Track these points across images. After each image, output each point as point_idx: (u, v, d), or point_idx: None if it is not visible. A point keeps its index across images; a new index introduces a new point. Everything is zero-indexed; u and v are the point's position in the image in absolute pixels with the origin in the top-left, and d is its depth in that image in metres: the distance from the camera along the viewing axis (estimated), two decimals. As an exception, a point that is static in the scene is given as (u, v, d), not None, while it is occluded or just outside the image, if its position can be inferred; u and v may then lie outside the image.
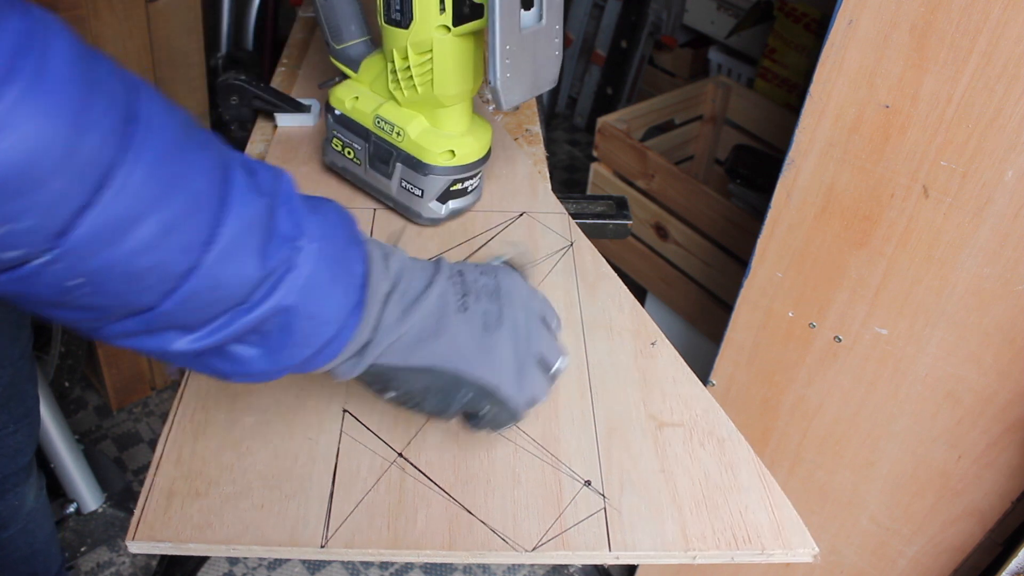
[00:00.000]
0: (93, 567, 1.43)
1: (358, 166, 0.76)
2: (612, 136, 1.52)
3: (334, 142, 0.77)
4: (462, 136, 0.72)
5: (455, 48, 0.66)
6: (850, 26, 0.72)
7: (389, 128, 0.72)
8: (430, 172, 0.71)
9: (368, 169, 0.76)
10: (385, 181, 0.75)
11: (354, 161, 0.77)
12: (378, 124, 0.73)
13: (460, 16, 0.65)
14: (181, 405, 0.58)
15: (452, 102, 0.70)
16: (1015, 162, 0.67)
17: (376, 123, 0.73)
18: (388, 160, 0.73)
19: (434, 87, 0.68)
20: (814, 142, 0.80)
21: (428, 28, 0.65)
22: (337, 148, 0.77)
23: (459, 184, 0.73)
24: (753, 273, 0.92)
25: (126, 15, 1.31)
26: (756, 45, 1.93)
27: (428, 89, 0.68)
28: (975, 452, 0.81)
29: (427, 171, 0.71)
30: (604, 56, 2.48)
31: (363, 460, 0.55)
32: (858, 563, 0.99)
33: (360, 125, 0.74)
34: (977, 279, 0.74)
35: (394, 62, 0.69)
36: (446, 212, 0.75)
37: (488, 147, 0.74)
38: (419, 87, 0.69)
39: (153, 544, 0.50)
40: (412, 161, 0.72)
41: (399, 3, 0.65)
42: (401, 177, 0.73)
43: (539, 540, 0.52)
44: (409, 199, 0.74)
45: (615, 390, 0.61)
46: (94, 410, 1.72)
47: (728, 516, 0.54)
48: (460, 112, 0.71)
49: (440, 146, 0.71)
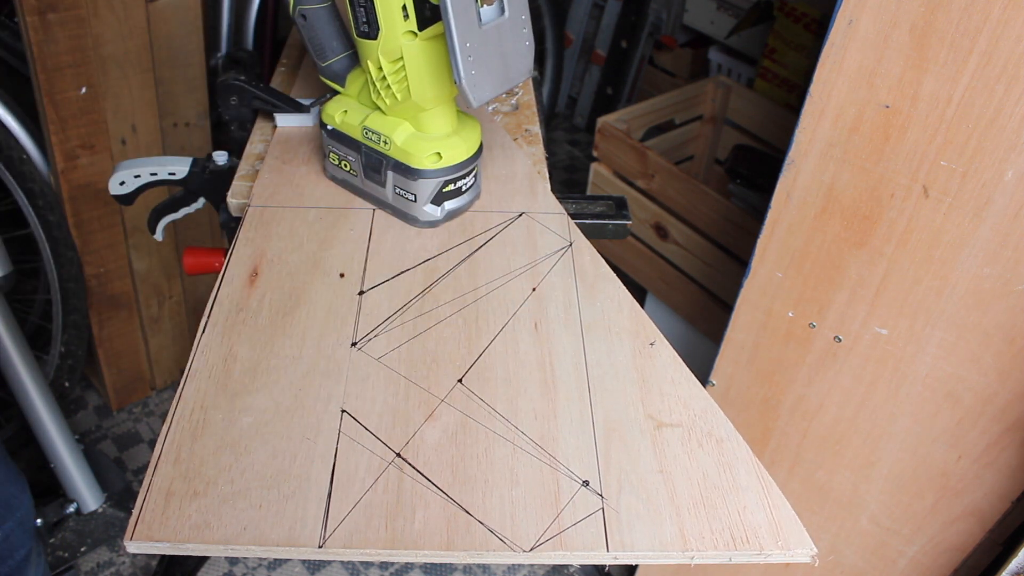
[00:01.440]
0: (93, 567, 1.44)
1: (355, 177, 0.78)
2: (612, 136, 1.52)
3: (331, 156, 0.79)
4: (448, 137, 0.73)
5: (425, 52, 0.67)
6: (850, 26, 0.72)
7: (376, 137, 0.73)
8: (419, 176, 0.72)
9: (364, 179, 0.77)
10: (381, 189, 0.76)
11: (351, 173, 0.78)
12: (366, 135, 0.74)
13: (423, 20, 0.66)
14: (180, 405, 0.58)
15: (432, 105, 0.71)
16: (1015, 162, 0.67)
17: (364, 134, 0.74)
18: (380, 169, 0.74)
19: (411, 93, 0.69)
20: (814, 142, 0.80)
21: (396, 36, 0.66)
22: (335, 162, 0.79)
23: (451, 185, 0.74)
24: (753, 273, 0.91)
25: (126, 15, 1.31)
26: (756, 45, 1.93)
27: (406, 95, 0.69)
28: (975, 452, 0.81)
29: (416, 175, 0.72)
30: (604, 56, 2.47)
31: (361, 460, 0.55)
32: (858, 563, 0.99)
33: (351, 138, 0.76)
34: (977, 279, 0.74)
35: (371, 73, 0.70)
36: (443, 214, 0.75)
37: (478, 145, 0.75)
38: (397, 94, 0.70)
39: (151, 544, 0.50)
40: (401, 167, 0.73)
41: (365, 15, 0.67)
42: (394, 184, 0.74)
43: (537, 540, 0.52)
44: (405, 204, 0.75)
45: (614, 390, 0.61)
46: (94, 410, 1.72)
47: (726, 516, 0.54)
48: (443, 114, 0.72)
49: (426, 150, 0.72)
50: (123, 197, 0.88)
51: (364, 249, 0.73)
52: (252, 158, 0.85)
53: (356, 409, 0.59)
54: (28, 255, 1.50)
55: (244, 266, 0.70)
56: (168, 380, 1.76)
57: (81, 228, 1.44)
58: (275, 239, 0.73)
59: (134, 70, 1.37)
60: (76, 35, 1.27)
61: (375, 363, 0.62)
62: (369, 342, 0.64)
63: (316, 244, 0.73)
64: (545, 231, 0.76)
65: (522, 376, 0.62)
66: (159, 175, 0.87)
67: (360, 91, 0.75)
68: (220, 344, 0.62)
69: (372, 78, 0.71)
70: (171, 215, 0.92)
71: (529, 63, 0.69)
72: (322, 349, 0.63)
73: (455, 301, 0.68)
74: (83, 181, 1.40)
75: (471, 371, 0.62)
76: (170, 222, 0.93)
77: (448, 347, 0.64)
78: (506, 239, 0.75)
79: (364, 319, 0.66)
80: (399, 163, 0.73)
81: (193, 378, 0.60)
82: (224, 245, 0.82)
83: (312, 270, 0.70)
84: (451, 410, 0.59)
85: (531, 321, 0.66)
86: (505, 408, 0.59)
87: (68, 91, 1.30)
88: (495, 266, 0.72)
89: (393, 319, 0.66)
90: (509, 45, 0.66)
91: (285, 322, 0.65)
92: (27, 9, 1.20)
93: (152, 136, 1.46)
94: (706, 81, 1.72)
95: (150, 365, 1.71)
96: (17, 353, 1.35)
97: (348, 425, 0.58)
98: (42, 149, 1.40)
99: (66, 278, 1.46)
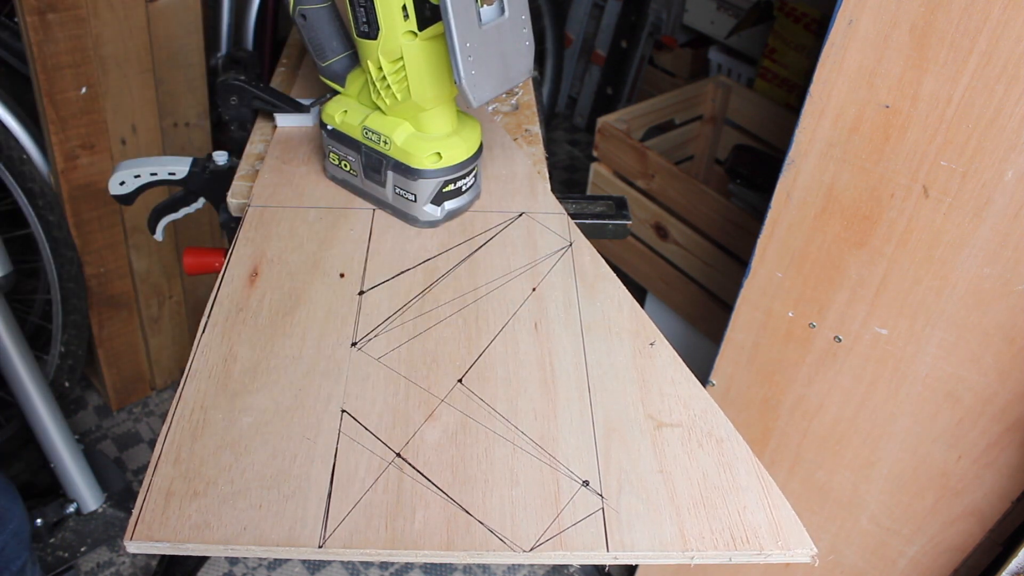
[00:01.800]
0: (93, 567, 1.44)
1: (355, 177, 0.78)
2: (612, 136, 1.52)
3: (331, 156, 0.78)
4: (448, 137, 0.72)
5: (425, 52, 0.67)
6: (850, 26, 0.72)
7: (376, 137, 0.73)
8: (419, 176, 0.72)
9: (364, 179, 0.77)
10: (381, 189, 0.76)
11: (351, 173, 0.78)
12: (366, 135, 0.74)
13: (423, 20, 0.66)
14: (180, 405, 0.58)
15: (432, 105, 0.71)
16: (1015, 162, 0.67)
17: (364, 134, 0.74)
18: (380, 169, 0.74)
19: (411, 93, 0.69)
20: (814, 142, 0.80)
21: (396, 36, 0.66)
22: (335, 162, 0.79)
23: (451, 185, 0.74)
24: (753, 273, 0.91)
25: (126, 15, 1.31)
26: (756, 45, 1.93)
27: (406, 95, 0.69)
28: (975, 452, 0.81)
29: (416, 176, 0.72)
30: (604, 56, 2.47)
31: (361, 460, 0.55)
32: (858, 563, 0.99)
33: (351, 138, 0.75)
34: (977, 279, 0.74)
35: (371, 73, 0.70)
36: (443, 214, 0.75)
37: (478, 145, 0.75)
38: (397, 94, 0.70)
39: (151, 544, 0.50)
40: (401, 167, 0.73)
41: (365, 15, 0.67)
42: (394, 184, 0.74)
43: (537, 540, 0.52)
44: (405, 204, 0.75)
45: (614, 390, 0.61)
46: (94, 410, 1.72)
47: (726, 516, 0.54)
48: (443, 114, 0.72)
49: (426, 150, 0.71)
50: (123, 197, 0.88)
51: (364, 249, 0.73)
52: (252, 158, 0.85)
53: (356, 409, 0.59)
54: (28, 255, 1.50)
55: (244, 266, 0.70)
56: (168, 380, 1.76)
57: (81, 228, 1.44)
58: (275, 239, 0.73)
59: (134, 70, 1.37)
60: (76, 35, 1.27)
61: (375, 363, 0.62)
62: (369, 342, 0.64)
63: (316, 244, 0.73)
64: (545, 231, 0.76)
65: (522, 376, 0.62)
66: (159, 175, 0.87)
67: (360, 91, 0.75)
68: (220, 344, 0.62)
69: (372, 78, 0.71)
70: (171, 215, 0.92)
71: (529, 63, 0.69)
72: (322, 349, 0.63)
73: (455, 301, 0.68)
74: (83, 181, 1.40)
75: (471, 371, 0.62)
76: (170, 222, 0.93)
77: (448, 347, 0.64)
78: (506, 239, 0.75)
79: (364, 319, 0.66)
80: (399, 163, 0.73)
81: (193, 378, 0.60)
82: (224, 245, 0.82)
83: (312, 270, 0.70)
84: (451, 410, 0.59)
85: (531, 321, 0.66)
86: (505, 408, 0.59)
87: (68, 91, 1.30)
88: (495, 266, 0.72)
89: (393, 319, 0.66)
90: (509, 45, 0.66)
91: (285, 322, 0.65)
92: (27, 9, 1.20)
93: (152, 136, 1.46)
94: (706, 81, 1.72)
95: (150, 365, 1.71)
96: (17, 353, 1.35)
97: (348, 425, 0.57)
98: (42, 149, 1.40)
99: (66, 278, 1.46)
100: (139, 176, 0.87)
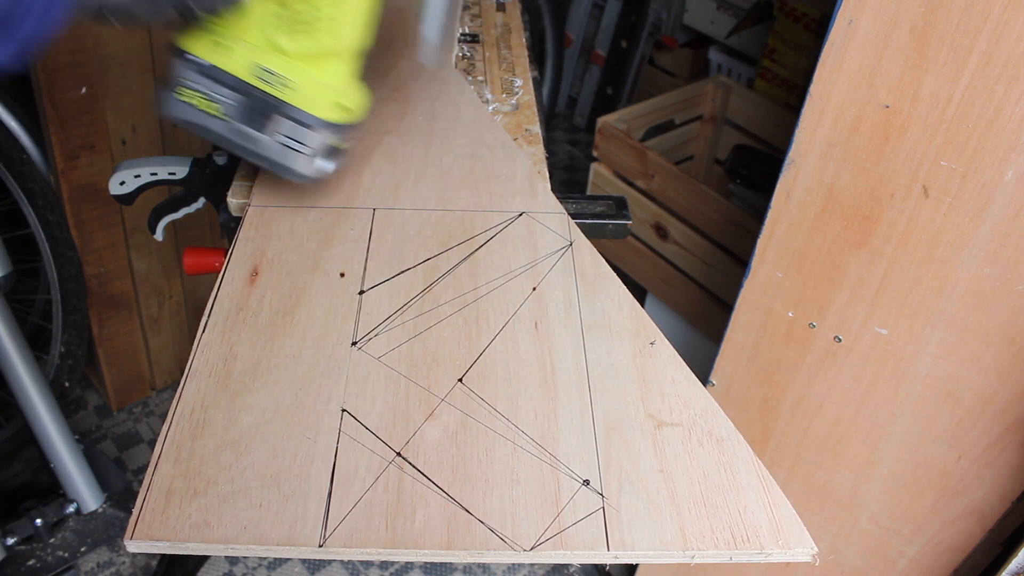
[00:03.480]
0: (93, 567, 1.44)
1: (223, 122, 0.70)
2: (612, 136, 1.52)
3: (186, 94, 0.69)
4: (352, 91, 0.70)
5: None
6: (850, 26, 0.72)
7: (274, 80, 0.68)
8: (322, 127, 0.68)
9: (236, 125, 0.70)
10: (257, 137, 0.70)
11: (217, 117, 0.69)
12: (259, 76, 0.68)
13: None
14: (180, 405, 0.58)
15: (349, 53, 0.67)
16: (1015, 162, 0.67)
17: (256, 75, 0.68)
18: (268, 114, 0.69)
19: (340, 35, 0.65)
20: (814, 142, 0.80)
21: None
22: (189, 101, 0.69)
23: (343, 143, 0.71)
24: (753, 273, 0.91)
25: (126, 15, 1.31)
26: (756, 45, 1.93)
27: (332, 38, 0.65)
28: (975, 452, 0.81)
29: (319, 127, 0.68)
30: (604, 56, 2.48)
31: (361, 459, 0.55)
32: (858, 563, 0.99)
33: (235, 77, 0.68)
34: (977, 279, 0.74)
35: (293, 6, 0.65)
36: (331, 170, 0.72)
37: (366, 108, 0.72)
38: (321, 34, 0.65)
39: (151, 543, 0.50)
40: (300, 115, 0.68)
41: None
42: (283, 133, 0.69)
43: (537, 539, 0.52)
44: (289, 157, 0.70)
45: (614, 390, 0.61)
46: (94, 410, 1.72)
47: (727, 515, 0.54)
48: (350, 66, 0.69)
49: (333, 99, 0.68)
50: (123, 197, 0.88)
51: (364, 249, 0.73)
52: (252, 158, 0.85)
53: (356, 408, 0.59)
54: (28, 255, 1.50)
55: (244, 266, 0.70)
56: (168, 380, 1.76)
57: (81, 228, 1.44)
58: (275, 239, 0.73)
59: (134, 70, 1.37)
60: (76, 35, 1.27)
61: (375, 362, 0.62)
62: (369, 341, 0.64)
63: (316, 244, 0.73)
64: (545, 231, 0.76)
65: (522, 375, 0.62)
66: (159, 175, 0.87)
67: (250, 27, 0.68)
68: (220, 344, 0.62)
69: (289, 13, 0.65)
70: (171, 215, 0.92)
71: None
72: (322, 348, 0.63)
73: (455, 300, 0.68)
74: (83, 181, 1.40)
75: (471, 370, 0.62)
76: (170, 222, 0.93)
77: (448, 346, 0.64)
78: (506, 239, 0.75)
79: (364, 319, 0.66)
80: (298, 110, 0.68)
81: (193, 378, 0.60)
82: (224, 245, 0.82)
83: (312, 270, 0.70)
84: (451, 409, 0.59)
85: (531, 320, 0.66)
86: (505, 407, 0.59)
87: (68, 91, 1.30)
88: (495, 266, 0.72)
89: (393, 318, 0.66)
90: None
91: (285, 322, 0.65)
92: (27, 9, 1.20)
93: (152, 136, 1.46)
94: (706, 81, 1.72)
95: (150, 365, 1.71)
96: (17, 353, 1.35)
97: (348, 424, 0.58)
98: (42, 149, 1.40)
99: (66, 278, 1.46)
100: (139, 176, 0.87)
